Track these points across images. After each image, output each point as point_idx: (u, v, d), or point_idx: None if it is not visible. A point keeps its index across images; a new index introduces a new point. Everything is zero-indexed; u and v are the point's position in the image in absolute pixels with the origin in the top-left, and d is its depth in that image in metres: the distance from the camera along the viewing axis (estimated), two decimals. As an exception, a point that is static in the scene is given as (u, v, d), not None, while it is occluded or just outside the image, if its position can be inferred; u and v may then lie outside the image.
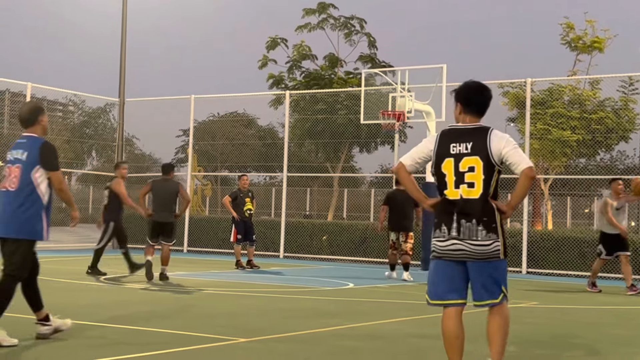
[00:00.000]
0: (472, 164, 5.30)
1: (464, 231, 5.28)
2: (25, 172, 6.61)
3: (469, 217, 5.27)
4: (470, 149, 5.31)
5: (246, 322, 8.66)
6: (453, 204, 5.31)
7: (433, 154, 5.43)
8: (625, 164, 47.46)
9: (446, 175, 5.34)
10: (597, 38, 23.50)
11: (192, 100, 23.40)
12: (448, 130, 5.51)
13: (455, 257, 5.37)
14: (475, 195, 5.29)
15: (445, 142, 5.40)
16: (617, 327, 9.47)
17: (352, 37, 30.87)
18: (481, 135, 5.35)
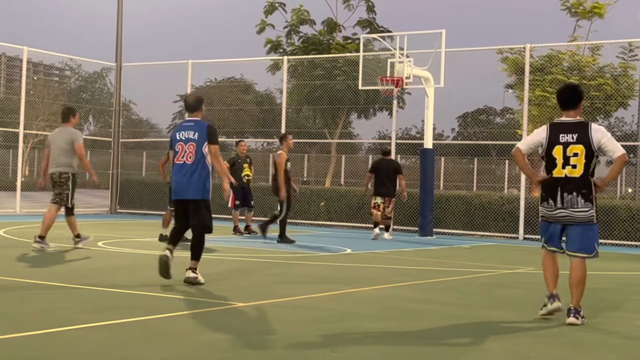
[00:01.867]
0: (576, 151, 6.90)
1: (567, 201, 6.95)
2: (198, 148, 8.52)
3: (570, 191, 6.92)
4: (576, 139, 6.93)
5: (243, 287, 8.69)
6: (558, 180, 6.94)
7: (545, 142, 7.05)
8: (623, 131, 47.49)
9: (556, 159, 6.95)
10: (597, 4, 23.34)
11: (189, 65, 23.27)
12: (557, 123, 7.11)
13: (560, 220, 7.04)
14: (577, 174, 6.90)
15: (555, 133, 7.00)
16: (613, 292, 9.54)
17: (351, 2, 30.63)
18: (584, 129, 6.96)
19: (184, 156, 8.55)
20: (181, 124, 8.82)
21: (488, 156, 41.59)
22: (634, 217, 17.25)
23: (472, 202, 19.32)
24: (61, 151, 11.78)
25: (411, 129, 52.65)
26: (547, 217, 7.12)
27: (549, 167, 7.04)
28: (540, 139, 7.11)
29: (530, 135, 7.25)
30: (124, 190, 24.09)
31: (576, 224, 6.98)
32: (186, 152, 8.53)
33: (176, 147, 8.62)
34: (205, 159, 8.53)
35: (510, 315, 7.54)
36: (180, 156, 8.57)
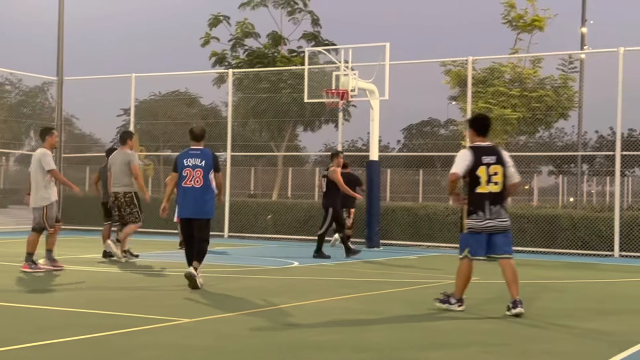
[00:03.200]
0: (496, 170, 8.07)
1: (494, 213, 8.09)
2: (205, 173, 9.73)
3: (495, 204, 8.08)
4: (495, 160, 8.10)
5: (190, 303, 8.60)
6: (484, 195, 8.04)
7: (471, 163, 8.02)
8: (564, 141, 48.50)
9: (480, 177, 8.01)
10: (537, 17, 23.79)
11: (132, 78, 23.02)
12: (477, 147, 8.16)
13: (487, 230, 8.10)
14: (498, 190, 8.08)
15: (478, 155, 8.06)
16: (556, 301, 9.68)
17: (296, 15, 30.69)
18: (499, 152, 8.21)
19: (191, 180, 9.76)
20: (187, 151, 9.94)
21: (433, 167, 41.97)
22: (576, 226, 17.58)
23: (418, 213, 19.47)
24: (121, 172, 12.98)
25: (357, 141, 52.87)
26: (475, 229, 8.11)
27: (473, 185, 8.08)
28: (469, 161, 8.05)
29: (459, 159, 8.10)
30: (66, 206, 23.64)
31: (499, 232, 8.15)
32: (194, 177, 9.74)
33: (183, 172, 9.77)
34: (211, 183, 9.81)
35: (457, 325, 7.59)
36: (188, 180, 9.77)
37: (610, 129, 45.11)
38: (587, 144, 48.88)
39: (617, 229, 17.06)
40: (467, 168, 8.05)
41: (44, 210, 11.28)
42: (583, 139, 36.27)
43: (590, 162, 50.54)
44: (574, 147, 39.24)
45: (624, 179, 40.80)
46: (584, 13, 32.69)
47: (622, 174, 18.81)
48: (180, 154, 10.02)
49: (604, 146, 46.45)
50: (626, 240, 17.03)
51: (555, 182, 48.64)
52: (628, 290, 11.22)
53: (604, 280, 12.57)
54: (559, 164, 49.69)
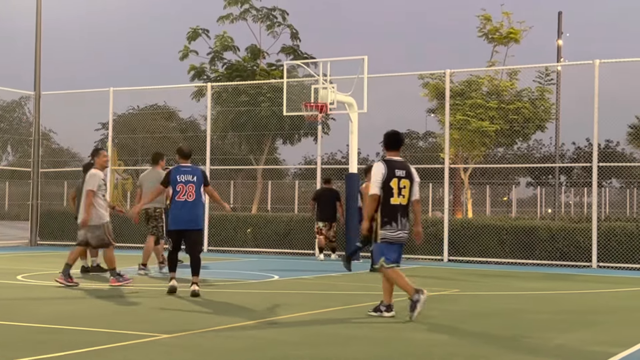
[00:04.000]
0: (405, 184, 8.52)
1: (403, 224, 8.52)
2: (197, 188, 10.66)
3: (404, 216, 8.53)
4: (405, 175, 8.55)
5: (168, 318, 8.54)
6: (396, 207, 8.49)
7: (385, 175, 8.44)
8: (542, 153, 48.82)
9: (393, 189, 8.42)
10: (512, 29, 23.98)
11: (110, 92, 22.93)
12: (390, 160, 8.60)
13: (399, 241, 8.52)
14: (405, 202, 8.55)
15: (391, 168, 8.50)
16: (535, 312, 9.72)
17: (274, 29, 30.72)
18: (408, 167, 8.66)
19: (185, 195, 10.64)
20: (179, 168, 10.86)
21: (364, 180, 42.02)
22: (554, 237, 17.68)
23: (398, 225, 19.47)
24: (152, 190, 13.04)
25: (337, 154, 52.93)
26: (390, 239, 8.49)
27: (387, 196, 8.46)
28: (384, 174, 8.49)
29: (374, 175, 8.53)
30: (44, 222, 23.47)
31: (402, 244, 8.61)
32: (187, 192, 10.64)
33: (177, 187, 10.67)
34: (202, 197, 10.81)
35: (437, 337, 7.59)
36: (181, 195, 10.65)
37: (587, 140, 45.50)
38: (564, 156, 49.27)
39: (594, 240, 17.17)
40: (382, 182, 8.46)
41: (104, 228, 11.59)
42: (560, 151, 36.52)
43: (567, 173, 50.93)
44: (552, 158, 39.51)
45: (601, 190, 41.13)
46: (559, 26, 33.04)
47: (599, 185, 18.95)
48: (172, 170, 10.89)
49: (581, 157, 46.83)
50: (604, 251, 17.15)
51: (533, 194, 48.97)
52: (606, 301, 11.29)
53: (583, 291, 12.64)
54: (537, 175, 50.01)
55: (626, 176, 45.41)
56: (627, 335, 7.90)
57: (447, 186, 19.47)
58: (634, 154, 44.43)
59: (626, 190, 46.70)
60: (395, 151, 8.74)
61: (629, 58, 18.72)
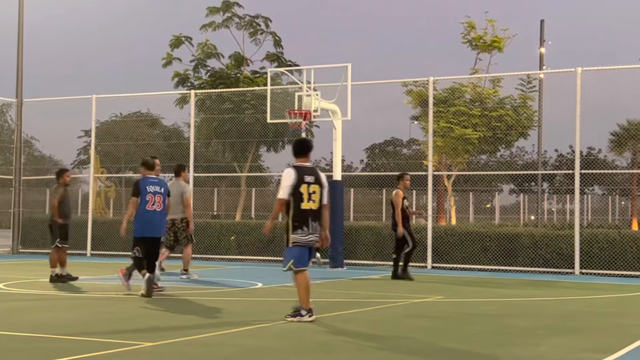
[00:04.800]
0: (315, 189, 8.85)
1: (314, 228, 8.85)
2: (163, 199, 11.61)
3: (315, 220, 8.85)
4: (314, 180, 8.88)
5: (152, 326, 8.50)
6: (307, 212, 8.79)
7: (295, 181, 8.75)
8: (524, 160, 49.11)
9: (303, 194, 8.76)
10: (496, 37, 24.13)
11: (93, 100, 22.83)
12: (300, 167, 8.92)
13: (308, 244, 8.85)
14: (315, 207, 8.87)
15: (301, 174, 8.81)
16: (518, 319, 9.75)
17: (258, 36, 30.73)
18: (317, 173, 9.03)
19: (154, 204, 11.43)
20: (147, 179, 11.58)
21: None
22: (537, 244, 17.75)
23: (382, 232, 19.51)
24: (177, 201, 14.08)
25: (320, 161, 52.99)
26: (301, 243, 8.82)
27: (297, 201, 8.78)
28: (294, 179, 8.79)
29: (284, 181, 8.84)
30: (26, 230, 23.30)
31: (312, 247, 8.96)
32: (155, 202, 11.41)
33: (147, 197, 11.37)
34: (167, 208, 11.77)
35: (420, 344, 7.60)
36: (150, 204, 11.39)
37: (569, 147, 45.82)
38: (547, 163, 49.56)
39: (577, 247, 17.26)
40: (292, 188, 8.79)
41: None
42: (543, 158, 36.73)
43: (550, 180, 51.22)
44: (535, 165, 39.71)
45: (583, 197, 41.40)
46: (542, 34, 33.28)
47: (581, 192, 19.05)
48: (140, 181, 11.55)
49: (564, 164, 47.11)
50: (586, 257, 17.24)
51: (516, 201, 49.20)
52: (589, 308, 11.34)
53: (565, 297, 12.70)
54: (519, 182, 50.27)
55: (608, 183, 45.74)
56: (610, 342, 7.95)
57: (430, 193, 19.52)
58: (615, 161, 44.78)
59: (608, 197, 47.03)
60: (305, 157, 9.07)
61: (611, 66, 18.89)
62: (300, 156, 9.06)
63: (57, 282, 13.29)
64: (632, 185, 39.65)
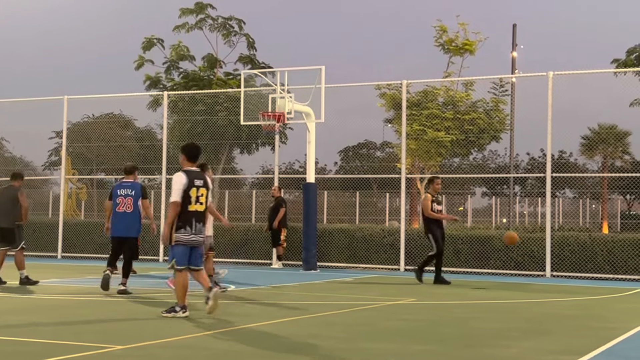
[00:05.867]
0: (202, 192, 9.46)
1: (198, 229, 9.39)
2: (135, 201, 12.23)
3: (200, 221, 9.42)
4: (202, 184, 9.49)
5: (124, 329, 8.43)
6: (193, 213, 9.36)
7: (186, 185, 9.31)
8: (496, 163, 49.48)
9: (191, 197, 9.31)
10: (467, 41, 24.28)
11: (65, 101, 22.64)
12: (189, 171, 9.49)
13: (190, 244, 9.36)
14: (202, 209, 9.46)
15: (191, 178, 9.38)
16: (490, 321, 9.81)
17: (231, 38, 30.69)
18: (204, 176, 9.62)
19: (123, 206, 12.20)
20: (121, 184, 12.42)
21: (369, 189, 42.31)
22: (509, 247, 17.86)
23: (355, 235, 19.54)
24: None
25: (294, 163, 52.99)
26: (182, 242, 9.28)
27: (185, 203, 9.29)
28: (184, 183, 9.32)
29: (176, 184, 9.33)
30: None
31: (198, 247, 9.45)
32: (125, 204, 12.20)
33: (117, 200, 12.22)
34: (139, 209, 12.26)
35: (392, 346, 7.62)
36: (121, 206, 12.20)
37: (541, 150, 46.25)
38: (519, 166, 49.97)
39: (548, 250, 17.41)
40: (183, 192, 9.31)
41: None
42: (515, 161, 37.04)
43: (522, 183, 51.64)
44: (507, 169, 40.01)
45: (554, 200, 41.83)
46: (514, 38, 33.53)
47: (553, 195, 19.27)
48: (115, 186, 12.49)
49: (535, 168, 47.53)
50: (557, 260, 17.39)
51: (488, 204, 49.54)
52: (560, 310, 11.44)
53: (537, 300, 12.80)
54: (492, 185, 50.62)
55: (579, 186, 46.22)
56: (579, 344, 8.02)
57: (403, 196, 19.59)
58: (586, 164, 45.29)
59: (579, 200, 47.50)
60: (193, 162, 9.67)
61: (582, 70, 19.08)
62: (190, 161, 9.65)
63: (27, 285, 13.16)
64: (602, 188, 40.13)
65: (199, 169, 9.73)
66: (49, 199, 36.85)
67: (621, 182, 44.01)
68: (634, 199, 51.66)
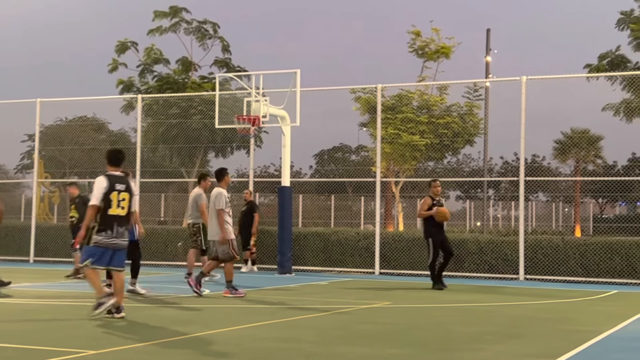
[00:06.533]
0: (124, 197, 9.66)
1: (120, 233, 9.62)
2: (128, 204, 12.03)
3: (122, 225, 9.63)
4: (124, 189, 9.69)
5: (96, 333, 8.36)
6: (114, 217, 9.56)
7: (107, 189, 9.52)
8: (470, 167, 49.72)
9: (112, 201, 9.52)
10: (443, 44, 24.40)
11: (37, 103, 22.42)
12: (111, 175, 9.70)
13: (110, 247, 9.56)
14: (124, 214, 9.65)
15: (112, 182, 9.60)
16: (464, 325, 9.84)
17: (206, 42, 30.59)
18: (127, 181, 9.84)
19: None
20: None
21: (344, 193, 42.34)
22: (483, 250, 17.97)
23: (330, 238, 19.54)
24: (192, 207, 15.13)
25: (269, 167, 52.90)
26: (101, 244, 9.49)
27: (106, 207, 9.50)
28: (105, 187, 9.53)
29: (97, 189, 9.56)
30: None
31: (120, 250, 9.65)
32: None
33: None
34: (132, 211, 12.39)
35: (367, 350, 7.61)
36: None
37: (514, 154, 46.55)
38: (492, 170, 50.28)
39: (521, 253, 17.52)
40: (103, 195, 9.50)
41: (230, 243, 12.65)
42: (489, 165, 37.20)
43: (496, 187, 51.96)
44: (480, 172, 40.21)
45: (528, 203, 42.09)
46: (488, 42, 33.76)
47: (526, 199, 19.38)
48: None
49: (509, 172, 47.82)
50: (530, 263, 17.51)
51: (462, 207, 49.76)
52: (533, 313, 11.51)
53: (510, 303, 12.87)
54: (466, 189, 50.88)
55: (552, 190, 46.60)
56: (553, 347, 8.07)
57: (378, 199, 19.62)
58: (559, 168, 45.69)
59: (552, 203, 47.87)
60: (116, 167, 9.85)
61: (555, 75, 19.26)
62: (113, 165, 9.85)
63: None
64: (575, 192, 40.47)
65: (122, 174, 9.91)
66: (21, 203, 36.49)
67: (593, 186, 44.44)
68: (606, 202, 52.21)
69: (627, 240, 17.46)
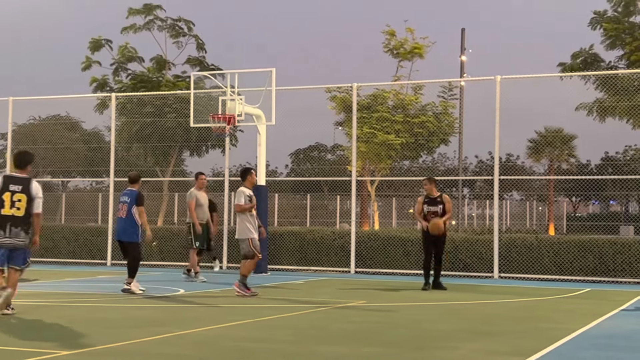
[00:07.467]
0: (20, 198, 9.74)
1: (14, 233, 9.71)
2: (129, 208, 13.05)
3: (16, 226, 9.72)
4: (21, 190, 9.77)
5: (69, 334, 8.28)
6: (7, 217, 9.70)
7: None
8: (445, 166, 49.95)
9: (5, 201, 9.69)
10: (417, 44, 24.46)
11: (10, 102, 22.18)
12: (9, 176, 9.95)
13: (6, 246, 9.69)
14: (20, 214, 9.73)
15: (7, 183, 9.77)
16: (440, 323, 9.88)
17: (180, 39, 30.40)
18: (28, 183, 9.85)
19: (120, 212, 13.13)
20: (124, 193, 13.40)
21: (320, 192, 42.35)
22: (457, 249, 18.05)
23: (306, 237, 19.53)
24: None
25: (245, 166, 52.79)
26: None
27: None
28: None
29: None
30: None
31: (17, 249, 9.74)
32: (122, 210, 13.08)
33: (118, 206, 13.26)
34: (134, 215, 13.07)
35: (343, 349, 7.61)
36: (119, 212, 13.19)
37: (489, 153, 46.88)
38: (467, 169, 50.53)
39: (496, 251, 17.63)
40: None
41: (249, 241, 12.85)
42: (464, 164, 37.42)
43: (471, 186, 52.27)
44: (455, 171, 40.42)
45: (502, 202, 42.36)
46: (463, 42, 33.93)
47: (500, 198, 19.52)
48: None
49: (484, 170, 48.13)
50: (505, 262, 17.62)
51: (438, 206, 49.98)
52: (507, 311, 11.58)
53: (485, 301, 12.94)
54: (441, 188, 51.02)
55: (526, 189, 46.95)
56: (527, 345, 8.12)
57: (354, 198, 19.65)
58: (533, 167, 46.06)
59: (526, 202, 48.23)
60: (20, 169, 9.99)
61: (529, 75, 19.38)
62: (17, 167, 10.00)
63: None
64: (549, 190, 40.83)
65: (24, 176, 9.93)
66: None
67: (567, 185, 44.86)
68: (580, 201, 52.69)
69: (600, 239, 17.63)
